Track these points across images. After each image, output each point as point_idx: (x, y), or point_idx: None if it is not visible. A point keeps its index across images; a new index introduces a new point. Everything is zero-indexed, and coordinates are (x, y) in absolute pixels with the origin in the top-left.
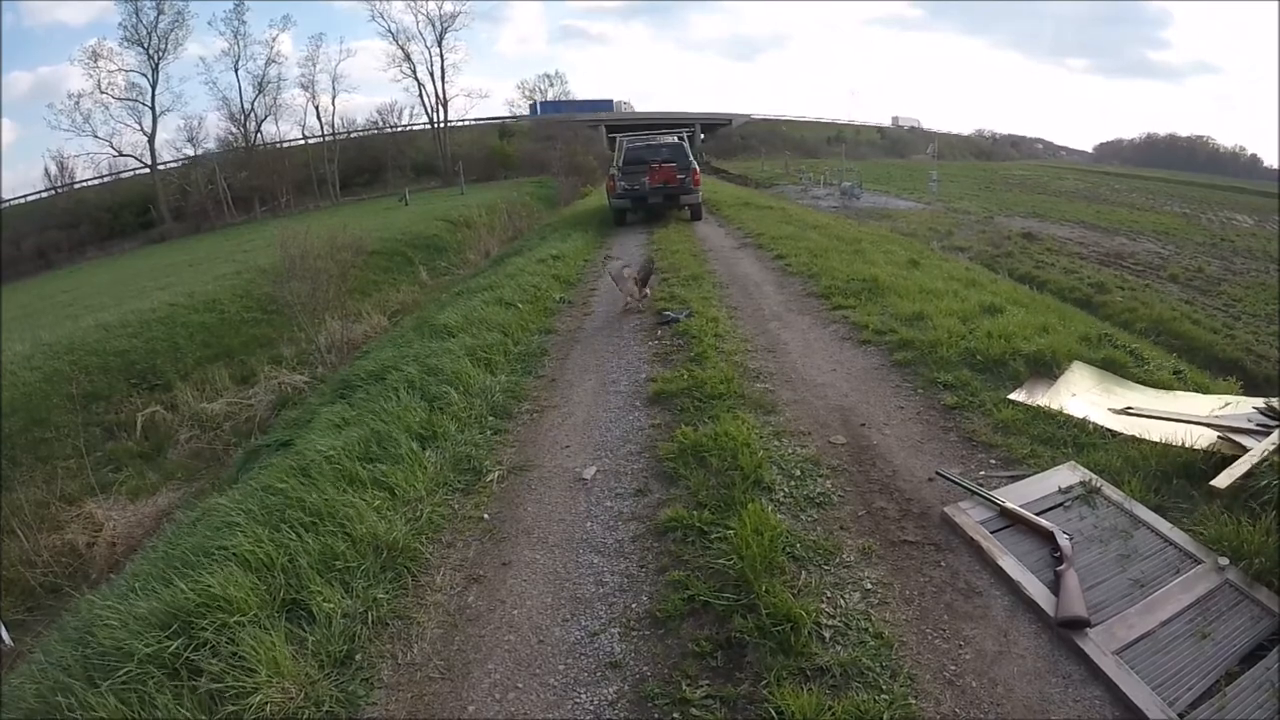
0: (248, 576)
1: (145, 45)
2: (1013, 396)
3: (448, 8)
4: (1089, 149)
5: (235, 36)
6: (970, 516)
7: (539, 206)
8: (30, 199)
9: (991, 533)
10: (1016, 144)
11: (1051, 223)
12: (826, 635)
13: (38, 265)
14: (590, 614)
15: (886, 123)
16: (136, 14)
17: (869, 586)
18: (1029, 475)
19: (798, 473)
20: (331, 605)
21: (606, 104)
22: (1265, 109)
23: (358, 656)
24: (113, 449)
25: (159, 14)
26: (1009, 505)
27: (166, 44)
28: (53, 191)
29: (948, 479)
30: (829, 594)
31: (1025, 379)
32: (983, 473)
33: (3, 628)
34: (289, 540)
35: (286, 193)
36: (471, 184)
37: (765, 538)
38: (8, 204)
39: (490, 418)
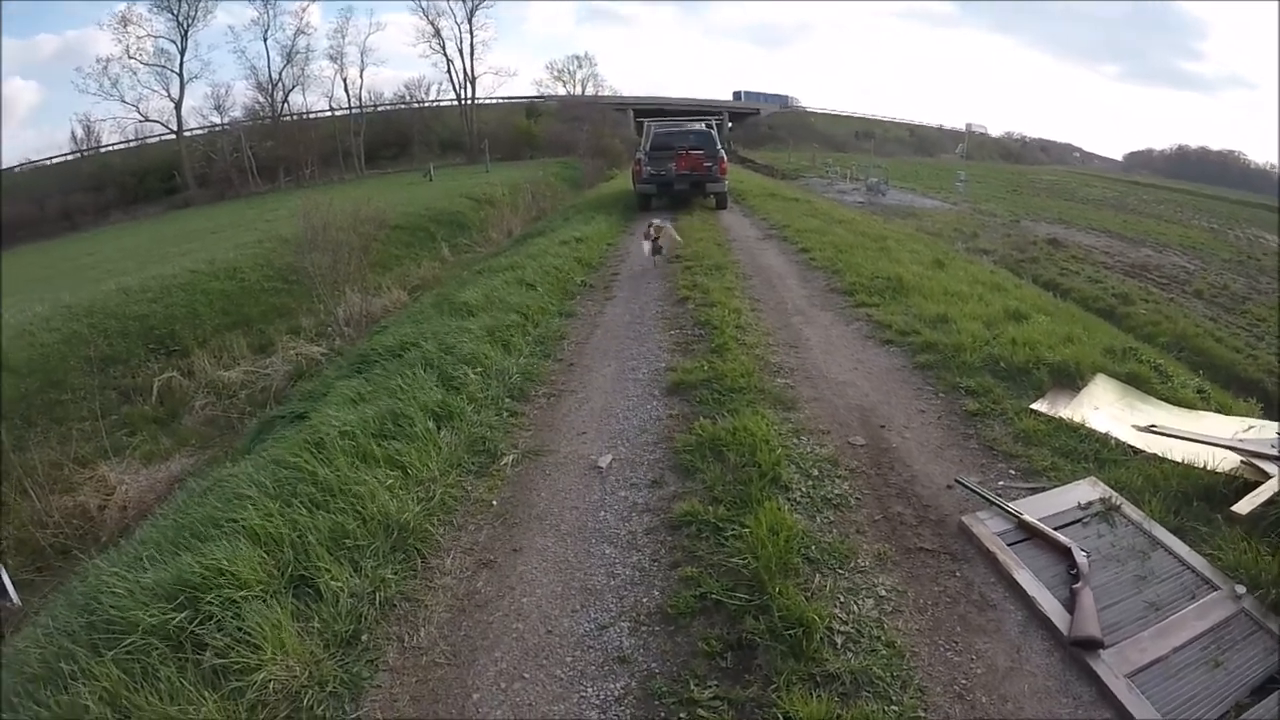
0: (256, 551)
1: (175, 12)
2: (1035, 406)
3: None
4: (1119, 157)
5: (265, 6)
6: (988, 527)
7: (563, 187)
8: (56, 161)
9: (1008, 545)
10: (1046, 148)
11: (1078, 230)
12: (838, 641)
13: (62, 227)
14: (600, 606)
15: (920, 121)
16: None
17: (883, 593)
18: (1049, 488)
19: (815, 473)
20: (339, 584)
21: (781, 98)
22: None
23: (364, 637)
24: (128, 413)
25: None
26: (1027, 518)
27: (196, 11)
28: (79, 154)
29: (966, 487)
30: (842, 599)
31: (1048, 389)
32: (1002, 483)
33: (11, 587)
34: (299, 516)
35: (311, 164)
36: (496, 162)
37: (781, 538)
38: (33, 164)
39: (507, 400)
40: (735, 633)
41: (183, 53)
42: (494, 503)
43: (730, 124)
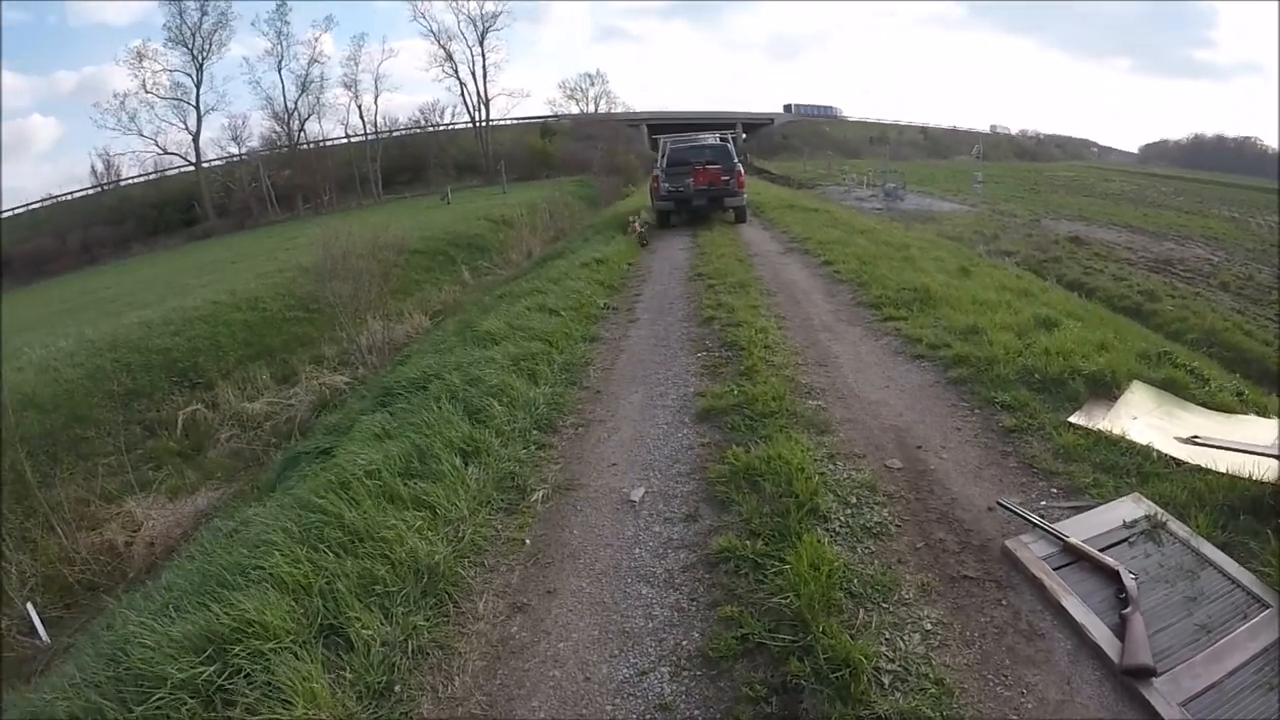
0: (284, 600)
1: (189, 45)
2: (1073, 419)
3: (489, 7)
4: (1134, 150)
5: (278, 37)
6: (1032, 551)
7: (581, 206)
8: (77, 195)
9: (1054, 569)
10: (1062, 145)
11: (1099, 226)
12: (885, 681)
13: (83, 260)
14: (639, 650)
15: (933, 123)
16: (180, 15)
17: (929, 627)
18: (1092, 507)
19: (853, 500)
20: (370, 632)
21: (827, 109)
22: None
23: (397, 688)
24: (153, 447)
25: (202, 15)
26: (1072, 540)
27: (210, 44)
28: (99, 188)
29: (1009, 510)
30: (888, 635)
31: (1085, 400)
32: (1044, 502)
33: (40, 625)
34: (327, 562)
35: (329, 191)
36: (513, 182)
37: (822, 573)
38: (54, 199)
39: (534, 432)
40: (779, 675)
41: (198, 85)
42: (526, 541)
43: (744, 135)
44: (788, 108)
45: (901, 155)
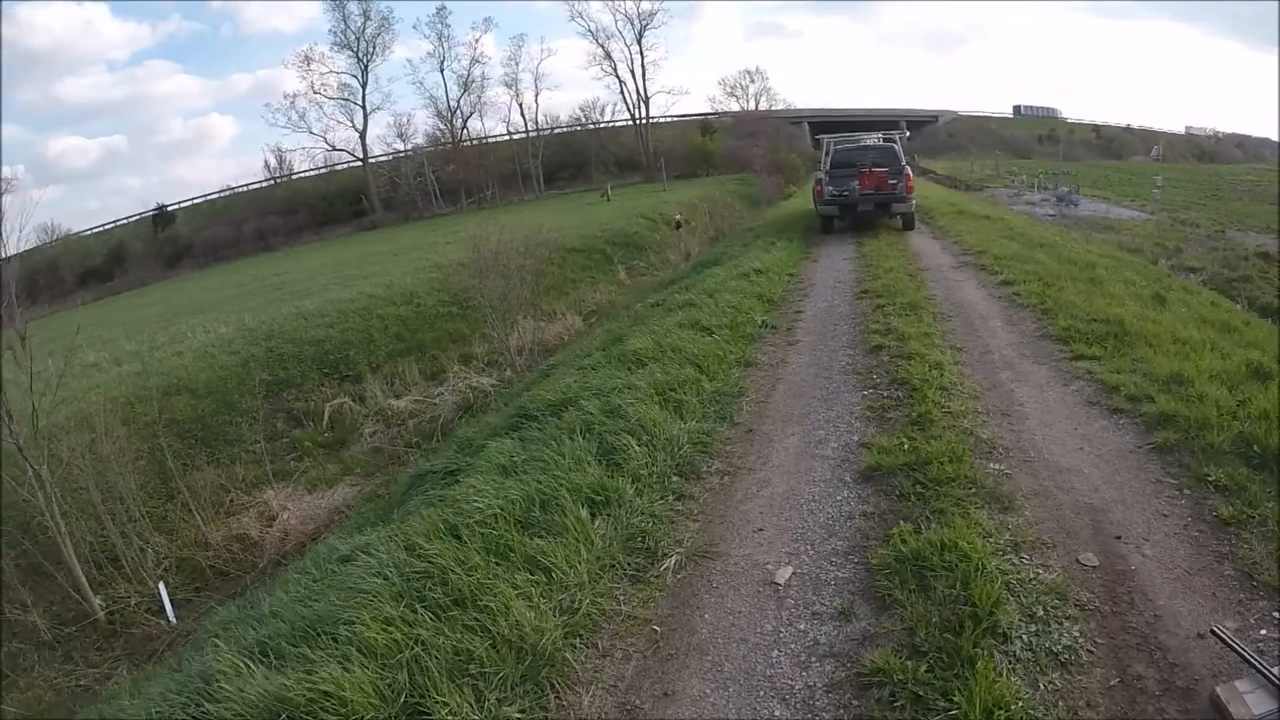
0: (368, 671)
1: (354, 49)
2: None
3: (645, 6)
4: None
5: (439, 39)
6: (1249, 707)
7: (740, 205)
8: (252, 187)
9: None
10: (1242, 144)
11: None
12: None
13: (257, 247)
14: None
15: (1105, 120)
16: (344, 20)
17: None
18: None
19: (1040, 611)
20: None
21: (1051, 110)
22: None
23: None
24: (298, 437)
25: (366, 20)
26: None
27: (374, 47)
28: (272, 181)
29: (1223, 640)
30: None
31: None
32: (1264, 631)
33: (170, 606)
34: (422, 629)
35: (492, 185)
36: (673, 179)
37: None
38: (231, 190)
39: (674, 478)
40: None
41: (364, 86)
42: (649, 619)
43: (907, 133)
44: (1017, 109)
45: (1073, 155)
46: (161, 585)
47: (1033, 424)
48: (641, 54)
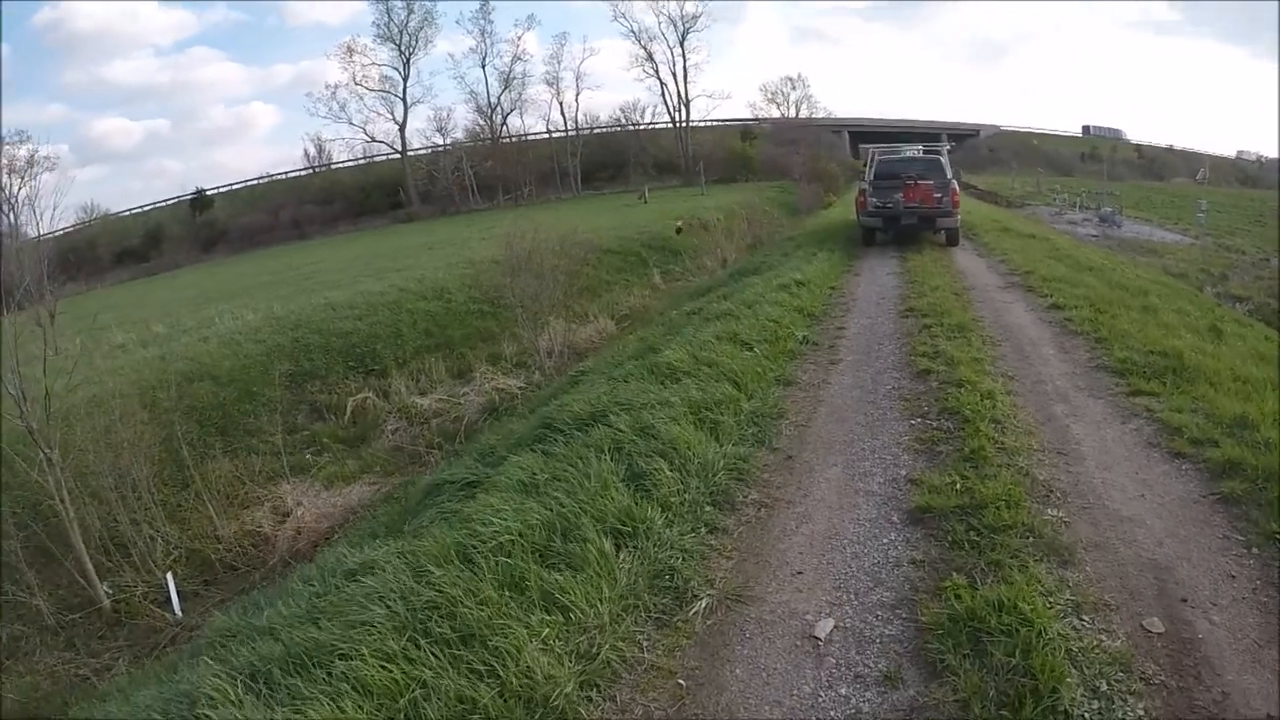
0: (361, 713)
1: (397, 42)
2: None
3: (689, 8)
4: None
5: (482, 35)
6: None
7: (779, 213)
8: (290, 175)
9: None
10: None
11: None
12: None
13: (292, 234)
14: None
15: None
16: (388, 13)
17: None
18: None
19: (1104, 686)
20: None
21: (1116, 131)
22: None
23: None
24: (319, 430)
25: (409, 13)
26: None
27: (416, 41)
28: (311, 170)
29: None
30: None
31: None
32: None
33: (176, 599)
34: (424, 670)
35: (529, 183)
36: (712, 184)
37: None
38: (270, 177)
39: (707, 507)
40: None
41: (405, 79)
42: (675, 671)
43: (950, 146)
44: (1086, 129)
45: (1116, 174)
46: (170, 576)
47: (1090, 465)
48: (684, 56)
